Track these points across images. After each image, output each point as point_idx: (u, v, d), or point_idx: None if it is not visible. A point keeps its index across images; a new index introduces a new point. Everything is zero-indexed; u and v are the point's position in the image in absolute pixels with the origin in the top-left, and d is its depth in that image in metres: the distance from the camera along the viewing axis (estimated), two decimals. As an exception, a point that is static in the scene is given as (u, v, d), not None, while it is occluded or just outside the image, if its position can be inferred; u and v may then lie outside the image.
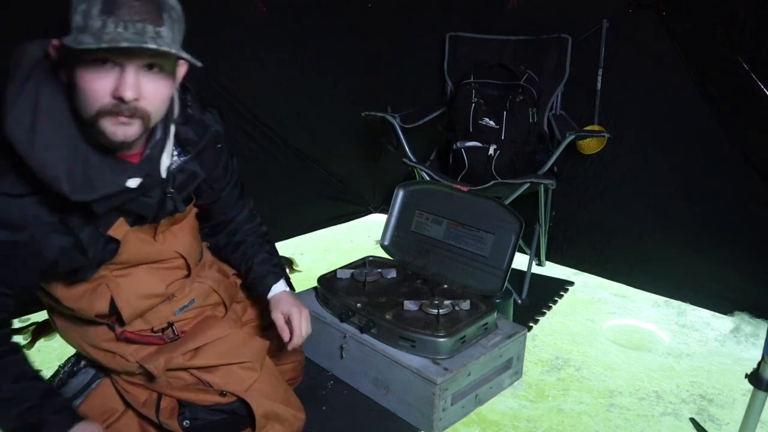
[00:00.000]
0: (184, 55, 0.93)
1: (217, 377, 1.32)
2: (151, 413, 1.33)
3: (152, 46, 0.88)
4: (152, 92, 0.97)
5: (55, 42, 0.96)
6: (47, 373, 1.53)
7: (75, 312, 1.22)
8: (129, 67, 0.92)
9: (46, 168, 0.93)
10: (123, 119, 0.94)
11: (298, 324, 1.42)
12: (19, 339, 2.07)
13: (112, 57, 0.91)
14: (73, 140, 0.96)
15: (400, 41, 3.05)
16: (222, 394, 1.31)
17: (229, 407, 1.33)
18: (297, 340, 1.42)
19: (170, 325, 1.34)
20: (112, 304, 1.21)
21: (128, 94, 0.92)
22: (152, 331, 1.32)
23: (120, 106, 0.93)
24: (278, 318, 1.44)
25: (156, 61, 0.96)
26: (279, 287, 1.50)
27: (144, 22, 0.90)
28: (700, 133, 2.24)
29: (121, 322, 1.26)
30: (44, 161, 0.93)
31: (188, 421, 1.31)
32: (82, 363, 1.43)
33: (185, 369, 1.31)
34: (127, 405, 1.41)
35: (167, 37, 0.94)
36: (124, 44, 0.86)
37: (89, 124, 0.96)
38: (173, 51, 0.91)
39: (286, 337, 1.42)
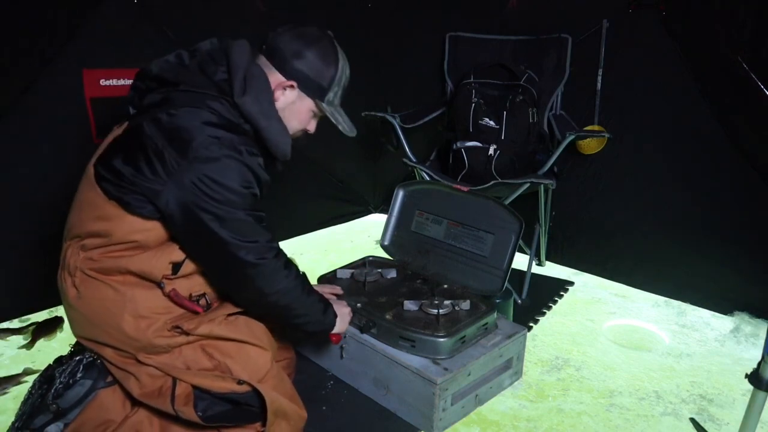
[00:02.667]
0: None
1: (237, 363, 1.37)
2: (166, 402, 1.32)
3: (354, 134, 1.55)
4: None
5: (292, 82, 1.40)
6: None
7: (149, 264, 1.32)
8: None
9: (279, 147, 1.41)
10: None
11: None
12: (18, 339, 2.08)
13: (318, 117, 1.52)
14: (282, 123, 1.41)
15: (400, 41, 3.05)
16: (239, 382, 1.35)
17: (244, 398, 1.36)
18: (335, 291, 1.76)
19: (204, 294, 1.43)
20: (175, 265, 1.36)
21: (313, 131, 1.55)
22: (190, 297, 1.40)
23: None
24: None
25: None
26: None
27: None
28: (700, 133, 2.24)
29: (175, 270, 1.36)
30: (277, 143, 1.40)
31: (204, 411, 1.33)
32: (78, 375, 1.42)
33: (212, 337, 1.37)
34: (134, 405, 1.41)
35: None
36: (351, 134, 1.55)
37: (288, 126, 1.45)
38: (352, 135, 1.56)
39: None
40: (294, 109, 1.44)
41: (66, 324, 2.11)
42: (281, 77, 1.40)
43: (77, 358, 1.44)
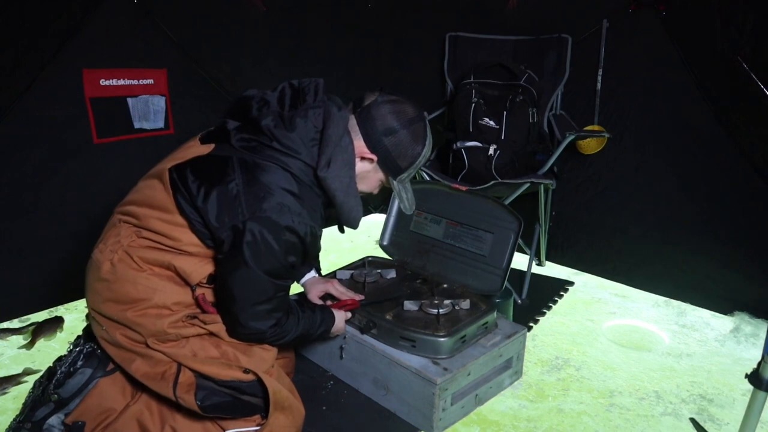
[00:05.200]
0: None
1: (243, 354, 1.42)
2: (168, 386, 1.35)
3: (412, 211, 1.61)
4: None
5: (374, 157, 1.42)
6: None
7: (191, 269, 1.38)
8: None
9: (350, 221, 1.46)
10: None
11: (339, 292, 1.77)
12: (19, 339, 2.08)
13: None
14: (359, 198, 1.45)
15: (400, 41, 3.05)
16: (245, 371, 1.39)
17: (248, 386, 1.39)
18: (356, 297, 1.76)
19: None
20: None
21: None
22: (214, 304, 1.46)
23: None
24: (314, 297, 1.78)
25: None
26: (310, 274, 1.84)
27: None
28: (700, 133, 2.24)
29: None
30: (349, 218, 1.45)
31: (203, 400, 1.35)
32: (79, 363, 1.43)
33: (221, 337, 1.42)
34: (134, 394, 1.43)
35: None
36: (408, 212, 1.60)
37: (359, 188, 1.47)
38: (410, 213, 1.62)
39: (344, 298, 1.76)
40: (367, 177, 1.48)
41: (66, 324, 2.12)
42: (365, 148, 1.42)
43: (77, 348, 1.45)
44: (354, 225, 1.47)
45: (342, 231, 1.58)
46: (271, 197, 1.30)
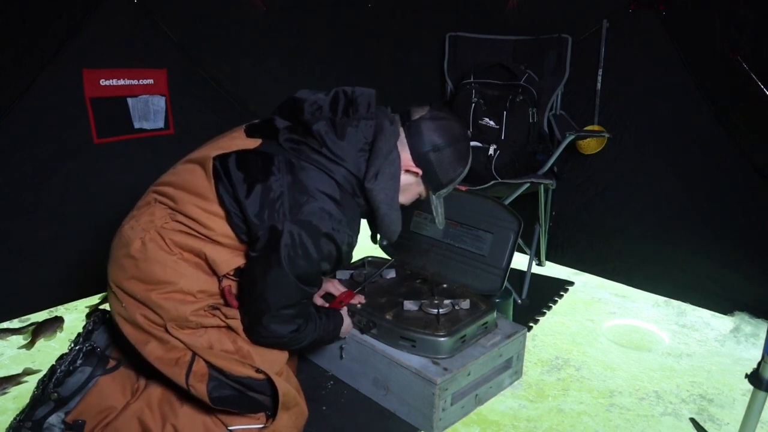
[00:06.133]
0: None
1: (257, 353, 1.44)
2: (181, 373, 1.35)
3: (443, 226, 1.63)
4: None
5: (419, 171, 1.45)
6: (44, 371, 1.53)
7: (221, 259, 1.39)
8: None
9: (389, 233, 1.48)
10: None
11: (339, 291, 1.79)
12: (19, 339, 2.08)
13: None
14: (400, 215, 1.48)
15: (400, 41, 3.05)
16: (257, 370, 1.40)
17: (258, 384, 1.40)
18: (359, 297, 1.78)
19: None
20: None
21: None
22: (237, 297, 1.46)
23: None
24: (316, 297, 1.78)
25: None
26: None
27: None
28: (700, 133, 2.24)
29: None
30: (389, 230, 1.48)
31: (212, 391, 1.36)
32: (78, 362, 1.43)
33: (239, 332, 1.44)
34: (147, 377, 1.45)
35: None
36: (440, 227, 1.60)
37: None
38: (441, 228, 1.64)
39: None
40: (408, 189, 1.51)
41: (66, 324, 2.12)
42: (410, 161, 1.44)
43: (77, 347, 1.45)
44: (392, 237, 1.50)
45: (375, 242, 1.62)
46: (313, 201, 1.32)
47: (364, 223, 1.52)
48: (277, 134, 1.39)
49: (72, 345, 1.52)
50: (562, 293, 2.53)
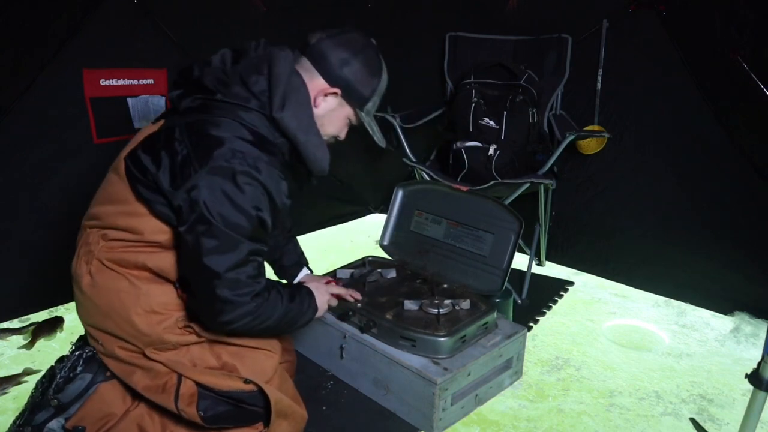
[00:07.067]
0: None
1: (244, 365, 1.39)
2: (170, 399, 1.33)
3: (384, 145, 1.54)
4: None
5: (337, 90, 1.38)
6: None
7: (165, 264, 1.33)
8: None
9: (317, 162, 1.39)
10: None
11: (335, 291, 1.73)
12: (19, 339, 2.08)
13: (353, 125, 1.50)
14: (321, 137, 1.40)
15: (400, 41, 3.04)
16: (246, 381, 1.36)
17: (249, 396, 1.37)
18: (354, 295, 1.76)
19: None
20: None
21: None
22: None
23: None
24: None
25: None
26: (304, 272, 1.81)
27: None
28: (700, 133, 2.24)
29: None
30: (315, 158, 1.38)
31: (205, 411, 1.33)
32: (79, 369, 1.42)
33: (221, 342, 1.40)
34: (135, 399, 1.42)
35: None
36: (382, 145, 1.53)
37: (323, 131, 1.43)
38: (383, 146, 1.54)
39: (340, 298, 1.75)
40: (333, 116, 1.43)
41: (66, 324, 2.12)
42: (325, 84, 1.38)
43: (77, 352, 1.44)
44: (321, 166, 1.40)
45: (310, 181, 1.48)
46: (221, 147, 1.23)
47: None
48: (175, 105, 1.35)
49: (72, 349, 1.51)
50: (562, 293, 2.53)
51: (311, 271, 1.85)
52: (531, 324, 2.25)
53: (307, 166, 1.41)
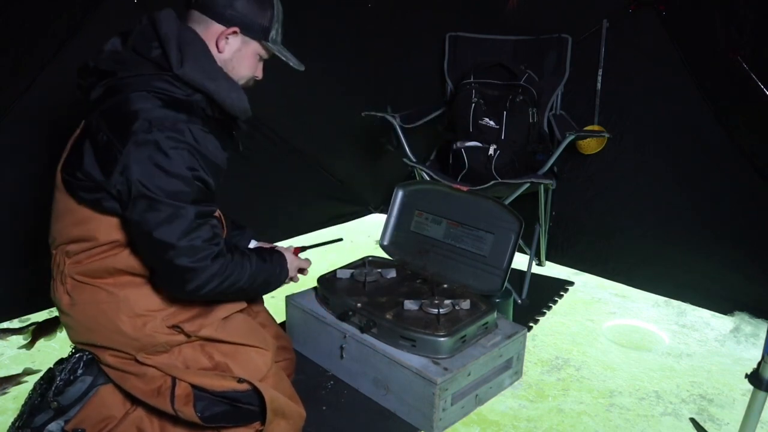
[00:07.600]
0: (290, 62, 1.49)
1: (237, 364, 1.39)
2: (166, 402, 1.33)
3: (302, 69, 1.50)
4: None
5: (235, 29, 1.35)
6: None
7: (132, 261, 1.32)
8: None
9: (235, 104, 1.36)
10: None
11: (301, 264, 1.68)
12: (19, 339, 2.08)
13: (265, 59, 1.47)
14: (232, 80, 1.38)
15: (400, 41, 3.05)
16: (239, 381, 1.36)
17: (244, 396, 1.37)
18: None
19: None
20: None
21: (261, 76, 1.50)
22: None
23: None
24: None
25: None
26: (252, 243, 1.74)
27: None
28: (700, 133, 2.24)
29: None
30: (232, 100, 1.35)
31: (203, 411, 1.33)
32: (79, 372, 1.42)
33: (211, 340, 1.39)
34: (134, 402, 1.42)
35: None
36: (300, 69, 1.50)
37: (237, 76, 1.42)
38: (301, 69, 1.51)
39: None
40: (240, 56, 1.40)
41: (66, 324, 2.12)
42: (221, 27, 1.35)
43: (78, 355, 1.44)
44: (241, 107, 1.38)
45: (240, 127, 1.47)
46: (137, 120, 1.20)
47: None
48: (86, 104, 1.34)
49: (72, 351, 1.51)
50: (562, 293, 2.53)
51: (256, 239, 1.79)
52: (531, 324, 2.25)
53: (228, 112, 1.37)
